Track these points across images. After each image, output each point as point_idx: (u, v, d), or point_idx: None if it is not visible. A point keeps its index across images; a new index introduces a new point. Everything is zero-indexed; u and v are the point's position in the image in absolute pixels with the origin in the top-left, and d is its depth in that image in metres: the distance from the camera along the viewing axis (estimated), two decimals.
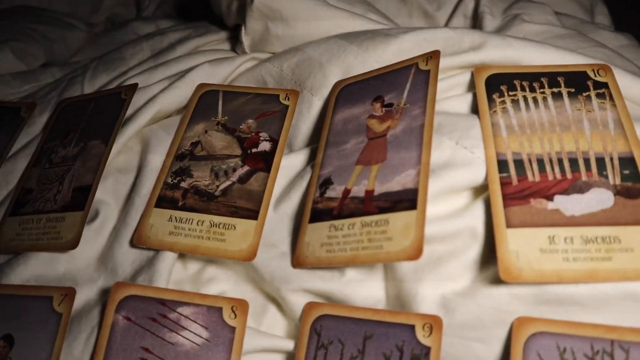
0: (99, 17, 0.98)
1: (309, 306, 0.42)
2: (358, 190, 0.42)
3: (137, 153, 0.52)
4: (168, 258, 0.45)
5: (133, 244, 0.46)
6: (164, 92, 0.54)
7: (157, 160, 0.50)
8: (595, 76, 0.44)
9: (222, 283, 0.46)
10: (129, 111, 0.54)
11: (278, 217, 0.46)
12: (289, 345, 0.42)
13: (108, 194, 0.50)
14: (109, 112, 0.54)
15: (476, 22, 0.64)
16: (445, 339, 0.38)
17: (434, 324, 0.38)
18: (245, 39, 0.60)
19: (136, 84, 0.56)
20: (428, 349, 0.38)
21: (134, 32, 0.83)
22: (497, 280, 0.36)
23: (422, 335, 0.38)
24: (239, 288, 0.46)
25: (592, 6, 0.78)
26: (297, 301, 0.43)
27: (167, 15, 0.90)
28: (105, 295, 0.45)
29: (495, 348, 0.37)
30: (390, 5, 0.72)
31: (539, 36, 0.57)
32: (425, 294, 0.39)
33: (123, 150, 0.52)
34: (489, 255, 0.38)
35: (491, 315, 0.37)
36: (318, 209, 0.43)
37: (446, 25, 0.68)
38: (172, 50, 0.63)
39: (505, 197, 0.38)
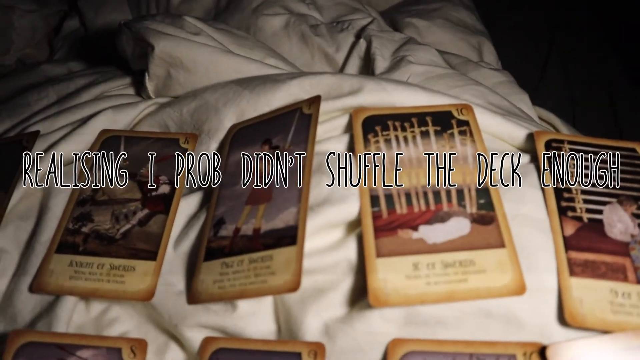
0: (9, 58, 0.97)
1: (206, 341, 0.44)
2: (247, 229, 0.45)
3: (39, 199, 0.53)
4: (68, 302, 0.46)
5: (32, 290, 0.47)
6: (66, 139, 0.55)
7: (58, 206, 0.52)
8: (459, 115, 0.49)
9: (125, 324, 0.48)
10: None
11: (177, 257, 0.48)
12: None
13: (8, 242, 0.50)
14: (9, 160, 0.55)
15: (369, 63, 0.69)
16: None
17: (318, 350, 0.41)
18: (150, 85, 0.63)
19: (38, 132, 0.57)
20: None
21: (44, 74, 0.83)
22: (370, 306, 0.40)
23: None
24: (141, 328, 0.48)
25: (480, 46, 0.86)
26: (195, 337, 0.45)
27: (80, 57, 0.90)
28: (3, 343, 0.45)
29: None
30: (294, 49, 0.76)
31: (422, 76, 0.63)
32: (310, 322, 0.42)
33: (24, 197, 0.53)
34: (364, 283, 0.41)
35: (367, 339, 0.40)
36: (212, 247, 0.46)
37: (343, 65, 0.72)
38: (78, 96, 0.65)
39: (376, 229, 0.42)
